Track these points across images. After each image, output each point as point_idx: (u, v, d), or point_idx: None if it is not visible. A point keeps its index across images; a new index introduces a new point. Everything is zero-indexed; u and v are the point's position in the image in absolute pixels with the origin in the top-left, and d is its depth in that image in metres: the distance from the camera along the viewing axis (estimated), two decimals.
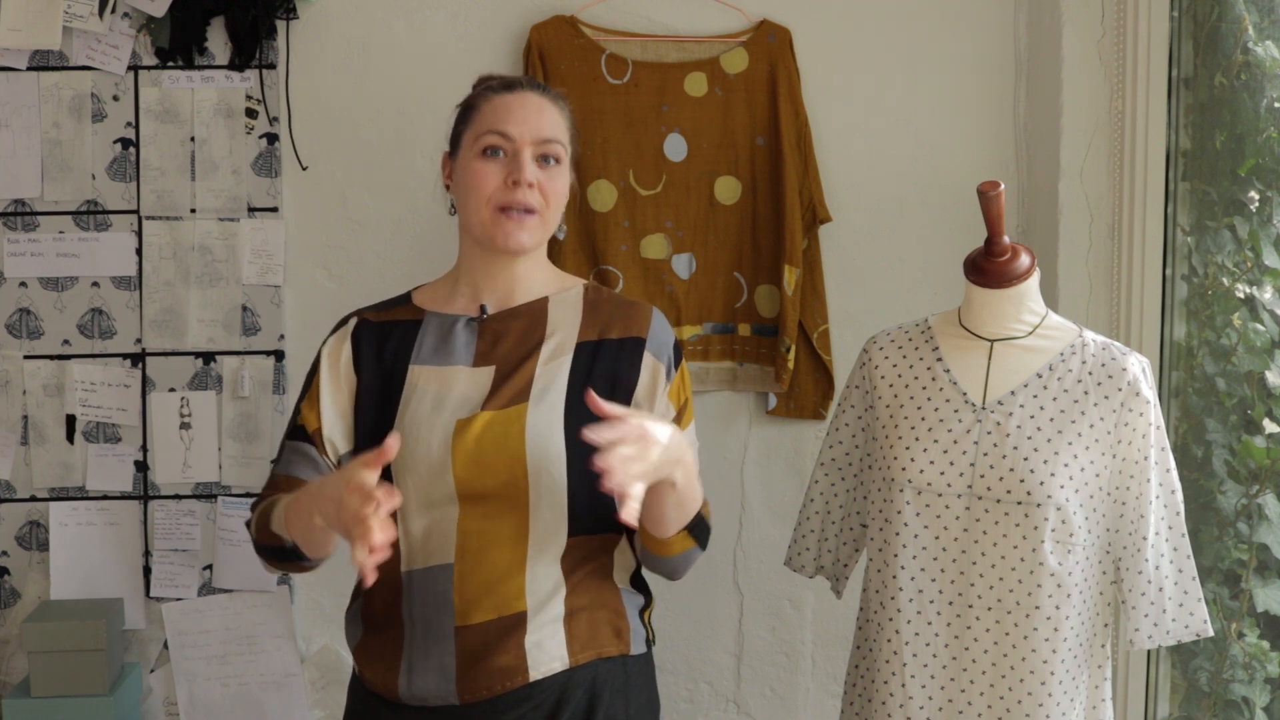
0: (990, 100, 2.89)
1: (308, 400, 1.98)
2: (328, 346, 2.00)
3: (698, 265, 2.86)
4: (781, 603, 2.94)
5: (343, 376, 1.97)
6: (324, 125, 2.83)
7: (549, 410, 1.87)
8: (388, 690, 1.90)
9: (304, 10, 2.80)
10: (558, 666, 1.88)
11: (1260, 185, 2.49)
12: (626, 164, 2.82)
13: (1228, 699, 2.48)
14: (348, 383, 1.97)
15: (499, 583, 1.86)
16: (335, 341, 2.00)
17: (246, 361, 2.83)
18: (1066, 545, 2.01)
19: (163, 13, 2.75)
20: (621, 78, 2.81)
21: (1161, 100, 2.63)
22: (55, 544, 2.82)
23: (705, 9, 2.83)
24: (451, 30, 2.83)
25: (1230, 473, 2.50)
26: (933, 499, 2.05)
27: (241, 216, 2.82)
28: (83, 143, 2.80)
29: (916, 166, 2.89)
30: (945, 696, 2.06)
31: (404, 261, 2.84)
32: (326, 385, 1.97)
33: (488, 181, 1.91)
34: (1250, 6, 2.49)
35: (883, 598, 2.10)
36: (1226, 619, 2.48)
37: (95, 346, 2.82)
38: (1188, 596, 2.07)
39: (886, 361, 2.17)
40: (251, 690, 2.85)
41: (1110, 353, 2.08)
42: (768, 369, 2.86)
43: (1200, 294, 2.62)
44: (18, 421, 2.82)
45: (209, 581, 2.84)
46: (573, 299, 1.99)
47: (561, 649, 1.88)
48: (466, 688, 1.86)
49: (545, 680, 1.87)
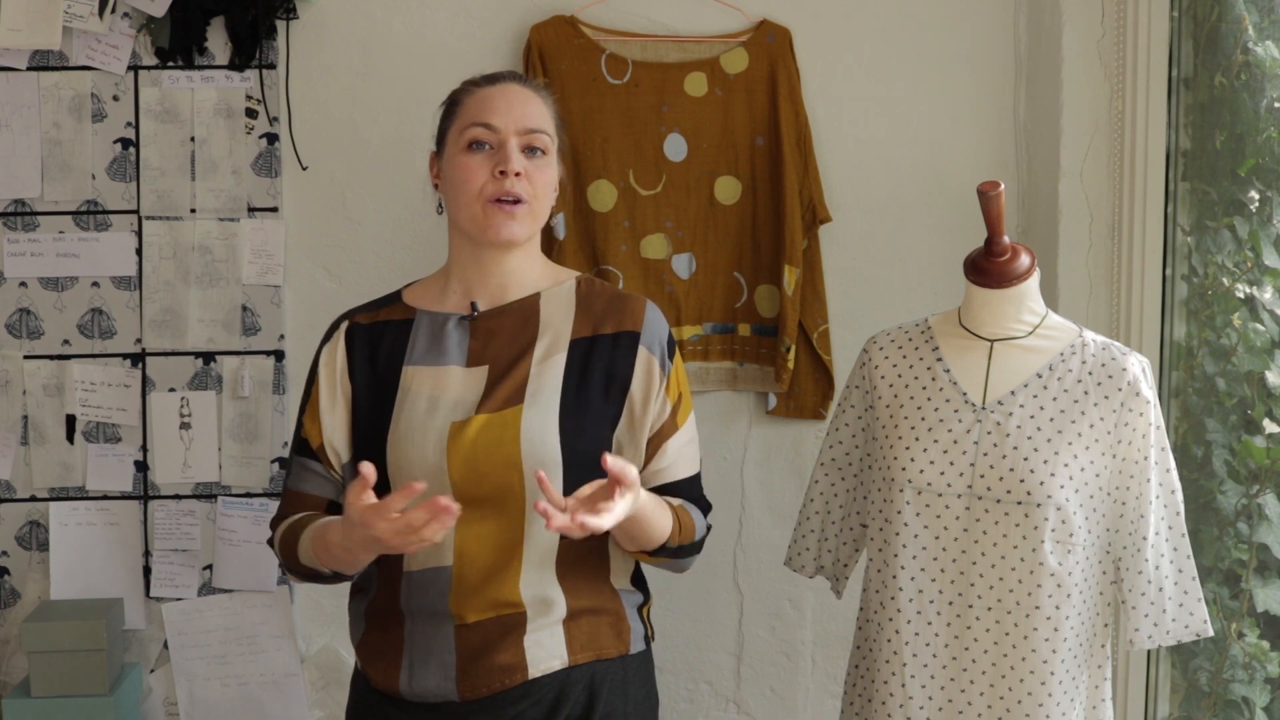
0: (990, 100, 2.89)
1: (309, 413, 1.98)
2: (323, 354, 2.00)
3: (698, 265, 2.86)
4: (781, 603, 2.94)
5: (339, 384, 1.97)
6: (324, 125, 2.83)
7: (543, 412, 1.87)
8: (389, 687, 1.91)
9: (304, 10, 2.80)
10: (557, 665, 1.88)
11: (1260, 185, 2.49)
12: (626, 164, 2.82)
13: (1228, 699, 2.48)
14: (344, 390, 1.97)
15: (496, 583, 1.86)
16: (329, 349, 2.00)
17: (246, 361, 2.83)
18: (1066, 545, 2.01)
19: (163, 13, 2.75)
20: (621, 78, 2.81)
21: (1161, 100, 2.63)
22: (55, 544, 2.82)
23: (705, 9, 2.83)
24: (451, 30, 2.83)
25: (1230, 473, 2.50)
26: (933, 499, 2.05)
27: (241, 216, 2.82)
28: (83, 143, 2.79)
29: (916, 166, 2.89)
30: (945, 696, 2.06)
31: (404, 261, 2.84)
32: (324, 395, 1.97)
33: (475, 175, 1.91)
34: (1250, 6, 2.48)
35: (883, 598, 2.10)
36: (1226, 619, 2.48)
37: (95, 346, 2.82)
38: (1188, 596, 2.07)
39: (886, 361, 2.17)
40: (251, 690, 2.85)
41: (1110, 353, 2.08)
42: (768, 369, 2.86)
43: (1200, 294, 2.62)
44: (18, 421, 2.82)
45: (209, 581, 2.84)
46: (565, 293, 1.98)
47: (561, 648, 1.88)
48: (466, 685, 1.86)
49: (544, 678, 1.88)
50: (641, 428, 1.94)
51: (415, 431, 1.88)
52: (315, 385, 1.99)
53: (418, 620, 1.89)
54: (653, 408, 1.94)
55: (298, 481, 1.98)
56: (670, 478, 1.97)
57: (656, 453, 1.96)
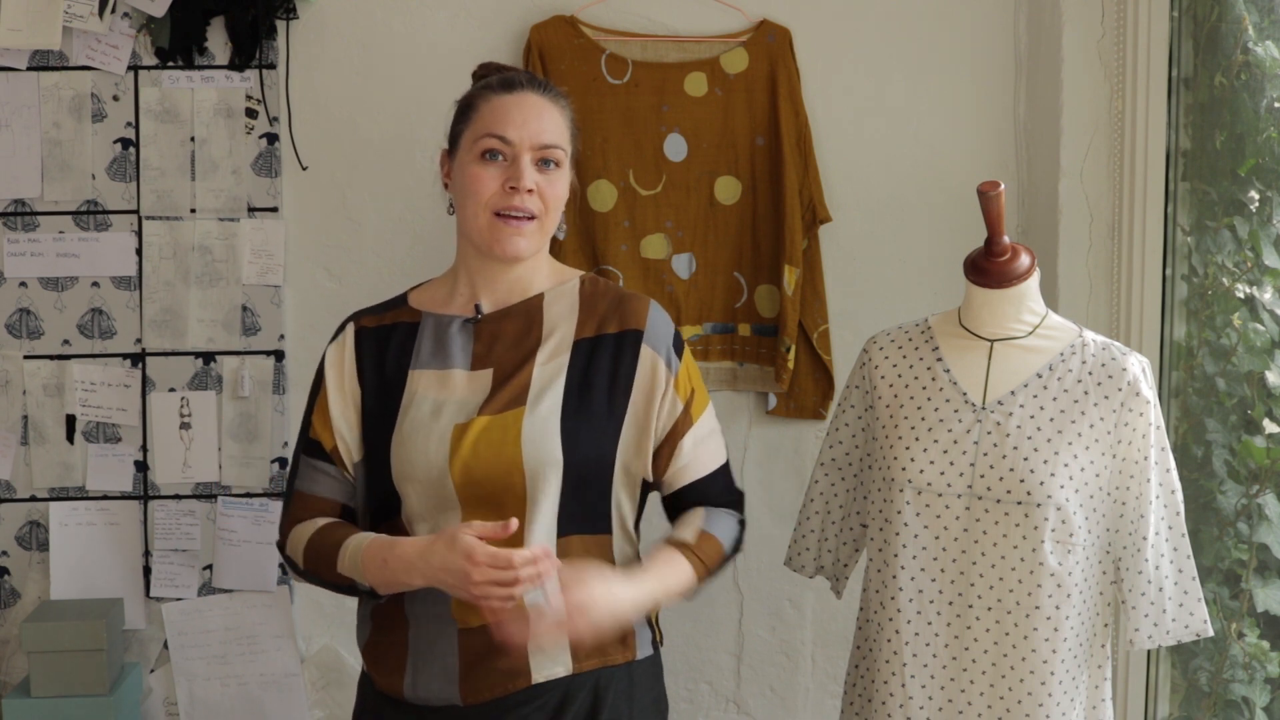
0: (990, 100, 2.89)
1: (318, 413, 1.97)
2: (330, 356, 1.99)
3: (698, 265, 2.86)
4: (781, 603, 2.94)
5: (347, 387, 1.97)
6: (324, 125, 2.83)
7: (545, 414, 1.87)
8: (393, 690, 1.91)
9: (304, 10, 2.80)
10: (560, 671, 1.88)
11: (1260, 185, 2.49)
12: (626, 164, 2.82)
13: (1228, 699, 2.48)
14: (352, 393, 1.96)
15: None
16: (336, 350, 1.99)
17: (246, 361, 2.83)
18: (1066, 545, 2.01)
19: (163, 13, 2.75)
20: (621, 78, 2.81)
21: (1161, 100, 2.63)
22: (55, 544, 2.82)
23: (705, 9, 2.83)
24: (451, 30, 2.83)
25: (1230, 473, 2.50)
26: (933, 499, 2.05)
27: (241, 216, 2.82)
28: (83, 143, 2.79)
29: (916, 166, 2.89)
30: (945, 696, 2.06)
31: (404, 261, 2.84)
32: (334, 396, 1.96)
33: (485, 186, 1.89)
34: (1250, 6, 2.48)
35: (883, 598, 2.10)
36: (1226, 619, 2.48)
37: (95, 346, 2.82)
38: (1188, 596, 2.07)
39: (886, 361, 2.17)
40: (251, 690, 2.85)
41: (1110, 353, 2.08)
42: (768, 369, 2.86)
43: (1200, 294, 2.62)
44: (18, 421, 2.82)
45: (209, 581, 2.84)
46: (569, 293, 1.98)
47: (565, 654, 1.88)
48: (469, 689, 1.86)
49: (548, 684, 1.87)
50: (647, 430, 1.93)
51: (418, 434, 1.88)
52: (323, 387, 1.98)
53: (422, 623, 1.88)
54: (662, 408, 1.93)
55: (308, 483, 1.97)
56: (694, 475, 1.97)
57: (675, 451, 1.95)
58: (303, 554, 1.93)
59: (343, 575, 1.87)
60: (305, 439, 1.99)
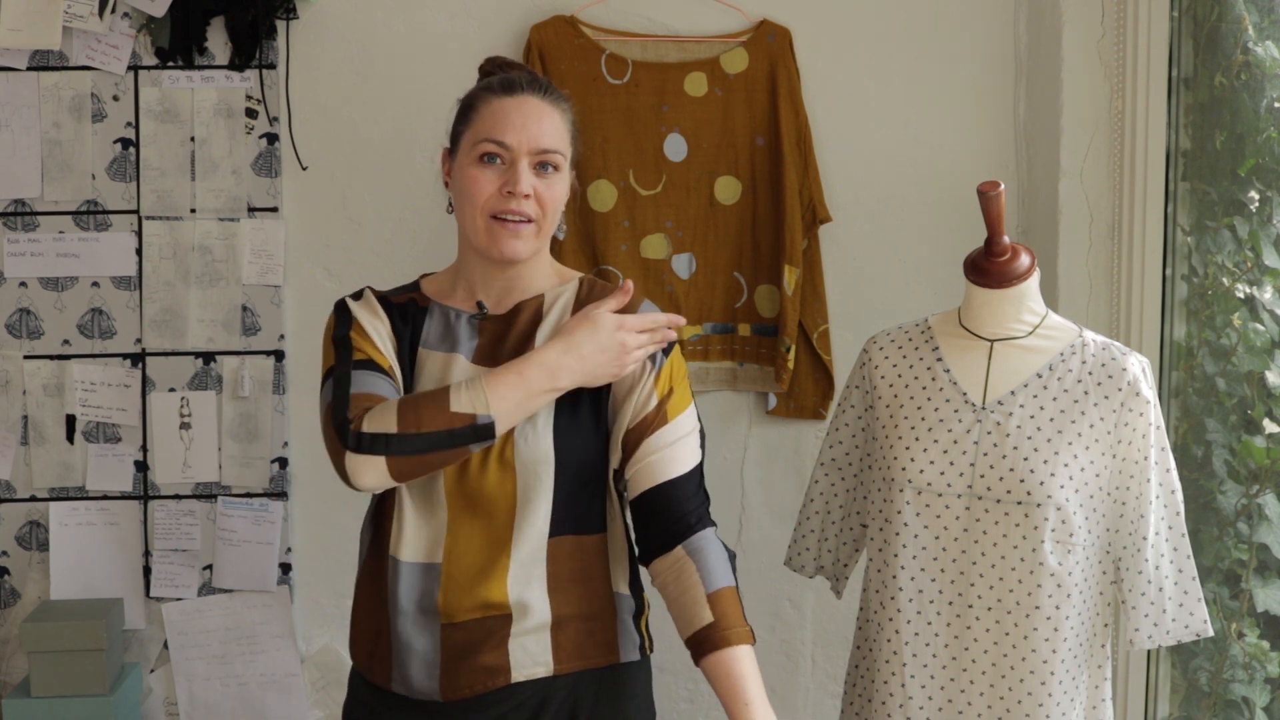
0: (990, 100, 2.89)
1: (356, 334, 1.90)
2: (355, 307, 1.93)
3: (698, 265, 2.86)
4: (781, 603, 2.94)
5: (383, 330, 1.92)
6: (324, 125, 2.83)
7: (539, 413, 1.87)
8: (379, 682, 1.92)
9: (304, 10, 2.80)
10: (541, 672, 1.87)
11: (1260, 185, 2.49)
12: (626, 164, 2.82)
13: (1228, 699, 2.48)
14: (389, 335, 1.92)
15: (484, 582, 1.85)
16: (361, 305, 1.94)
17: (246, 361, 2.83)
18: (1066, 545, 2.01)
19: (163, 13, 2.75)
20: (621, 78, 2.81)
21: (1161, 100, 2.63)
22: (55, 544, 2.82)
23: (705, 9, 2.83)
24: (451, 30, 2.83)
25: (1230, 473, 2.50)
26: (933, 499, 2.05)
27: (241, 216, 2.82)
28: (83, 143, 2.79)
29: (916, 166, 2.89)
30: (945, 696, 2.06)
31: (404, 261, 2.84)
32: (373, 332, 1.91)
33: (483, 189, 1.88)
34: (1250, 6, 2.48)
35: (883, 598, 2.10)
36: (1226, 619, 2.48)
37: (95, 346, 2.82)
38: (1188, 596, 2.07)
39: (886, 361, 2.17)
40: (251, 690, 2.85)
41: (1110, 353, 2.08)
42: (768, 369, 2.86)
43: (1200, 294, 2.62)
44: (18, 421, 2.82)
45: (209, 581, 2.84)
46: (567, 295, 1.98)
47: (547, 655, 1.88)
48: (449, 684, 1.86)
49: (528, 683, 1.87)
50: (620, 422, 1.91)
51: None
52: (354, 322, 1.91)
53: (407, 617, 1.88)
54: (638, 398, 1.90)
55: (370, 386, 1.86)
56: (662, 476, 1.90)
57: (640, 443, 1.90)
58: (396, 417, 1.81)
59: (459, 413, 1.79)
60: (347, 359, 1.89)
